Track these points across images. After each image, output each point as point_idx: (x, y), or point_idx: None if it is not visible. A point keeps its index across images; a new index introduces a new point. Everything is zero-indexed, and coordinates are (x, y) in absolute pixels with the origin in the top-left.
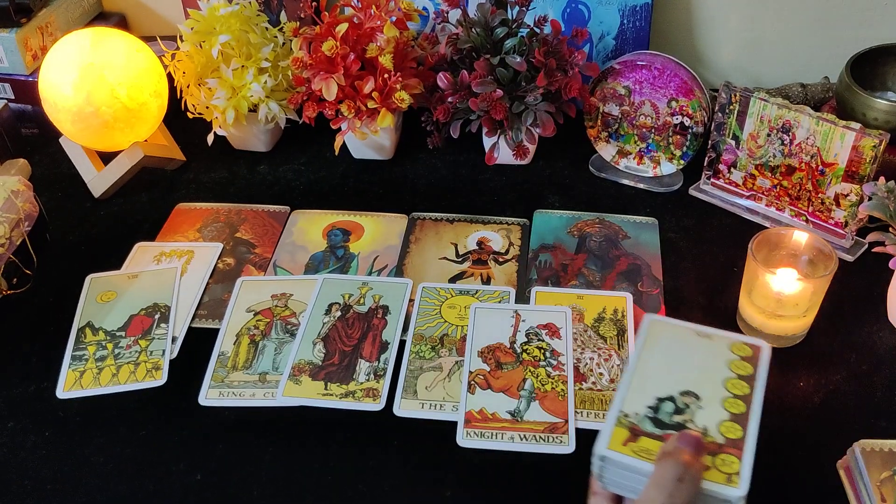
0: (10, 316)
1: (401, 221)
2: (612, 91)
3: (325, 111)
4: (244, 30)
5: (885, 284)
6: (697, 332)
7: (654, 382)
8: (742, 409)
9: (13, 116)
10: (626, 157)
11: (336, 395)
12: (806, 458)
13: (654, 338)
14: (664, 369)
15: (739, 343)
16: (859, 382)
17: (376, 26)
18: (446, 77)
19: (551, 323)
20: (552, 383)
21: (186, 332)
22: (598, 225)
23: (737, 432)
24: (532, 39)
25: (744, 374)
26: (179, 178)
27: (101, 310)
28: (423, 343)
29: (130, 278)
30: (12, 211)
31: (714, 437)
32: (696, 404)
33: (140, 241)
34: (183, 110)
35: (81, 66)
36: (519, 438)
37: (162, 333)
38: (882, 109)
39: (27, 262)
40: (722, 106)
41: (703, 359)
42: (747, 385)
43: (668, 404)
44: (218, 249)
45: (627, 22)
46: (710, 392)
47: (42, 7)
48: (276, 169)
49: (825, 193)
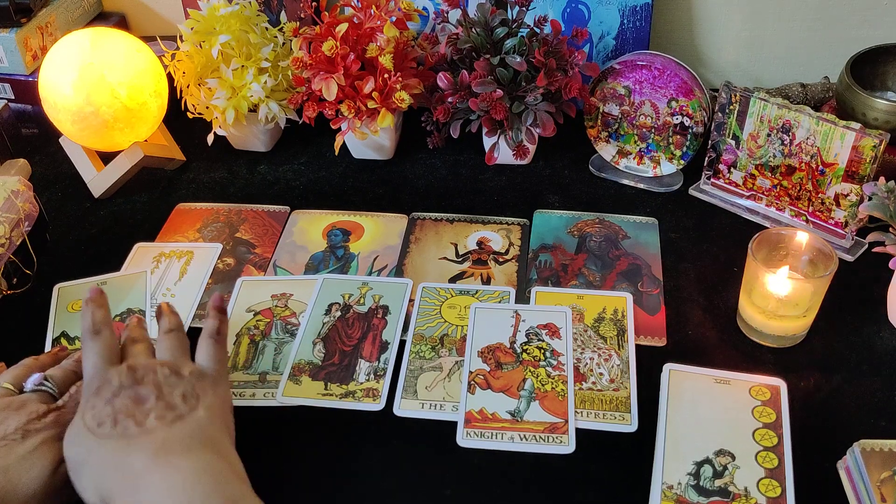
0: (10, 316)
1: (401, 221)
2: (612, 91)
3: (325, 111)
4: (244, 30)
5: (885, 284)
6: (716, 379)
7: (687, 444)
8: (775, 462)
9: (13, 116)
10: (626, 157)
11: (336, 395)
12: (806, 458)
13: (677, 391)
14: (693, 427)
15: (758, 386)
16: (859, 382)
17: (376, 26)
18: (446, 77)
19: (551, 323)
20: (552, 383)
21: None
22: (598, 225)
23: (775, 490)
24: (532, 39)
25: (769, 421)
26: (179, 178)
27: (74, 319)
28: (423, 343)
29: (99, 285)
30: (12, 211)
31: (756, 497)
32: (732, 465)
33: (140, 242)
34: (183, 110)
35: (81, 66)
36: (519, 438)
37: None
38: (882, 109)
39: (27, 262)
40: (722, 106)
41: (727, 410)
42: (775, 435)
43: (706, 468)
44: (217, 250)
45: (627, 22)
46: (743, 447)
47: (42, 7)
48: (276, 169)
49: (825, 193)
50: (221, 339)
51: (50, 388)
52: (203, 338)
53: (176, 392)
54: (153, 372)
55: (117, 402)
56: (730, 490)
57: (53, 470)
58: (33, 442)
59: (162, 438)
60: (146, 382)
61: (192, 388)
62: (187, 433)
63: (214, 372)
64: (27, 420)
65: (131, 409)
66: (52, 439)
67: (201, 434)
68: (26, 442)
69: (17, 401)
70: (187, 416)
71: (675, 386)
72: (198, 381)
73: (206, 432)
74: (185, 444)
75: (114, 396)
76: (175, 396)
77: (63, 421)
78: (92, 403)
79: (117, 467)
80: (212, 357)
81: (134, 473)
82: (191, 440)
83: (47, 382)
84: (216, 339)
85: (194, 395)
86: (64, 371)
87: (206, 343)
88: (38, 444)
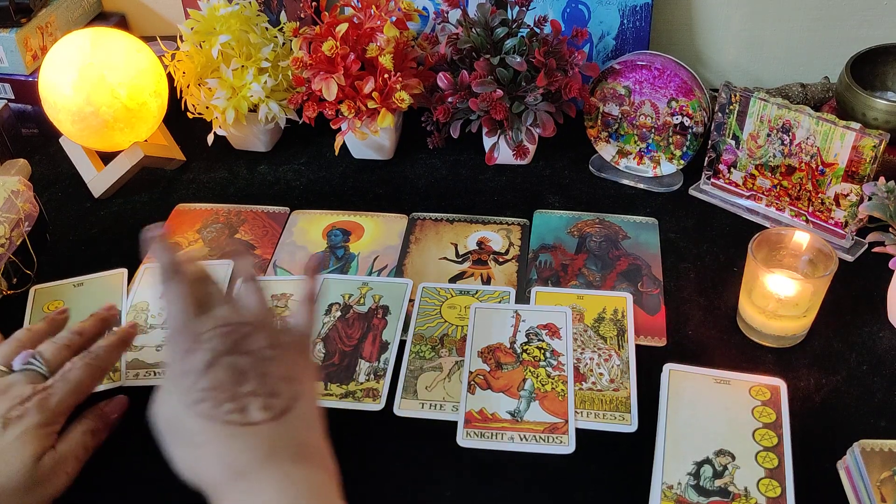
0: (11, 316)
1: (401, 221)
2: (612, 91)
3: (325, 111)
4: (244, 30)
5: (885, 284)
6: (716, 379)
7: (687, 444)
8: (775, 462)
9: (13, 116)
10: (626, 157)
11: (336, 395)
12: (806, 458)
13: (677, 392)
14: (694, 427)
15: (758, 386)
16: (859, 382)
17: (376, 26)
18: (446, 77)
19: (551, 323)
20: (552, 383)
21: None
22: (598, 225)
23: (775, 490)
24: (532, 39)
25: (769, 421)
26: (179, 178)
27: None
28: (423, 343)
29: (76, 286)
30: (12, 211)
31: (755, 497)
32: (732, 465)
33: (146, 264)
34: (183, 110)
35: (81, 66)
36: (519, 439)
37: None
38: (882, 109)
39: (27, 262)
40: (722, 106)
41: (727, 410)
42: (775, 435)
43: (706, 468)
44: (230, 267)
45: (627, 22)
46: (743, 447)
47: (42, 7)
48: (276, 169)
49: (825, 193)
50: (312, 303)
51: (38, 366)
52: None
53: (276, 372)
54: (250, 335)
55: (214, 374)
56: (730, 490)
57: (35, 462)
58: (13, 431)
59: (270, 438)
60: (244, 351)
61: (292, 368)
62: (296, 432)
63: (306, 344)
64: (9, 406)
65: (232, 385)
66: (35, 427)
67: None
68: (8, 431)
69: (2, 384)
70: (292, 410)
71: (675, 386)
72: (296, 359)
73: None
74: (296, 449)
75: (210, 365)
76: (276, 378)
77: (47, 406)
78: (185, 368)
79: (219, 457)
80: (306, 320)
81: (238, 471)
82: (302, 445)
83: (35, 361)
84: (310, 302)
85: (294, 377)
86: (56, 346)
87: (304, 307)
88: (20, 433)
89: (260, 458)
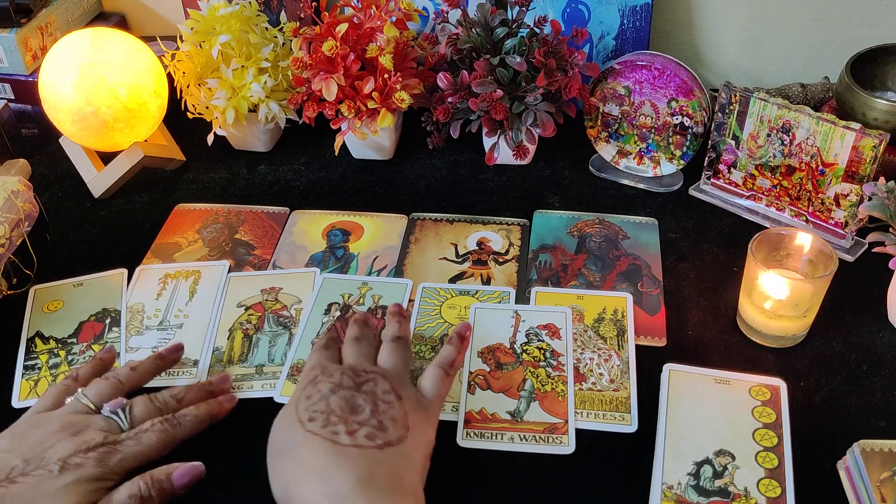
0: (11, 316)
1: (401, 222)
2: (612, 91)
3: (325, 111)
4: (244, 30)
5: (885, 284)
6: (716, 379)
7: (687, 444)
8: (775, 463)
9: (13, 116)
10: (626, 157)
11: None
12: (806, 458)
13: (677, 392)
14: (694, 427)
15: (757, 386)
16: (859, 382)
17: (376, 26)
18: (446, 77)
19: (551, 323)
20: (552, 384)
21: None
22: (598, 225)
23: (775, 490)
24: (532, 39)
25: (769, 421)
26: (179, 178)
27: (49, 319)
28: (423, 343)
29: (75, 286)
30: (12, 211)
31: (755, 497)
32: (732, 465)
33: (142, 265)
34: (183, 110)
35: (81, 66)
36: (519, 439)
37: (115, 338)
38: (882, 109)
39: (27, 262)
40: (722, 106)
41: (727, 410)
42: (775, 435)
43: (706, 468)
44: (226, 267)
45: (627, 22)
46: (743, 447)
47: (42, 7)
48: (276, 169)
49: (825, 193)
50: (452, 372)
51: (121, 421)
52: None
53: (389, 413)
54: (373, 381)
55: (333, 400)
56: (730, 490)
57: None
58: (65, 478)
59: (370, 463)
60: (364, 391)
61: (405, 416)
62: (395, 467)
63: (431, 406)
64: (73, 451)
65: (345, 413)
66: (87, 479)
67: (407, 470)
68: (61, 477)
69: (80, 423)
70: (396, 445)
71: (675, 386)
72: (412, 412)
73: (414, 472)
74: (391, 481)
75: (331, 392)
76: (387, 418)
77: (107, 462)
78: (308, 393)
79: (322, 475)
80: (436, 387)
81: (331, 492)
82: (398, 479)
83: (122, 415)
84: (448, 370)
85: (405, 424)
86: (149, 408)
87: (435, 371)
88: (71, 482)
89: (354, 480)
